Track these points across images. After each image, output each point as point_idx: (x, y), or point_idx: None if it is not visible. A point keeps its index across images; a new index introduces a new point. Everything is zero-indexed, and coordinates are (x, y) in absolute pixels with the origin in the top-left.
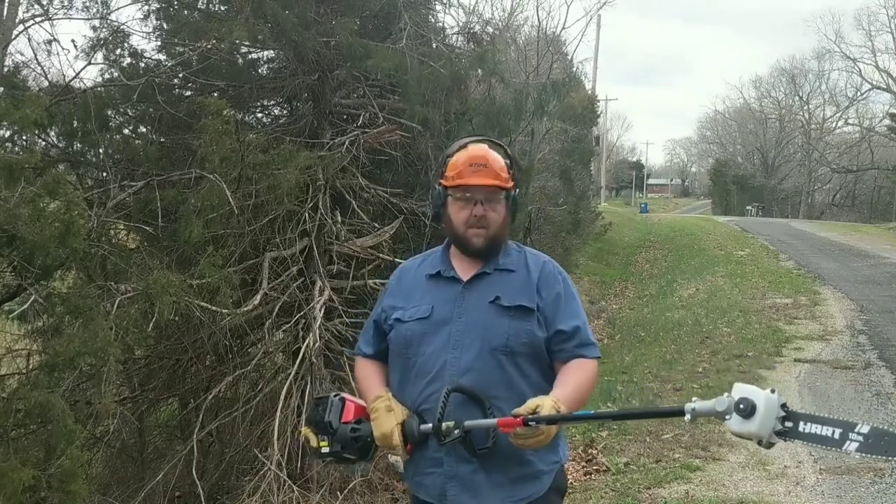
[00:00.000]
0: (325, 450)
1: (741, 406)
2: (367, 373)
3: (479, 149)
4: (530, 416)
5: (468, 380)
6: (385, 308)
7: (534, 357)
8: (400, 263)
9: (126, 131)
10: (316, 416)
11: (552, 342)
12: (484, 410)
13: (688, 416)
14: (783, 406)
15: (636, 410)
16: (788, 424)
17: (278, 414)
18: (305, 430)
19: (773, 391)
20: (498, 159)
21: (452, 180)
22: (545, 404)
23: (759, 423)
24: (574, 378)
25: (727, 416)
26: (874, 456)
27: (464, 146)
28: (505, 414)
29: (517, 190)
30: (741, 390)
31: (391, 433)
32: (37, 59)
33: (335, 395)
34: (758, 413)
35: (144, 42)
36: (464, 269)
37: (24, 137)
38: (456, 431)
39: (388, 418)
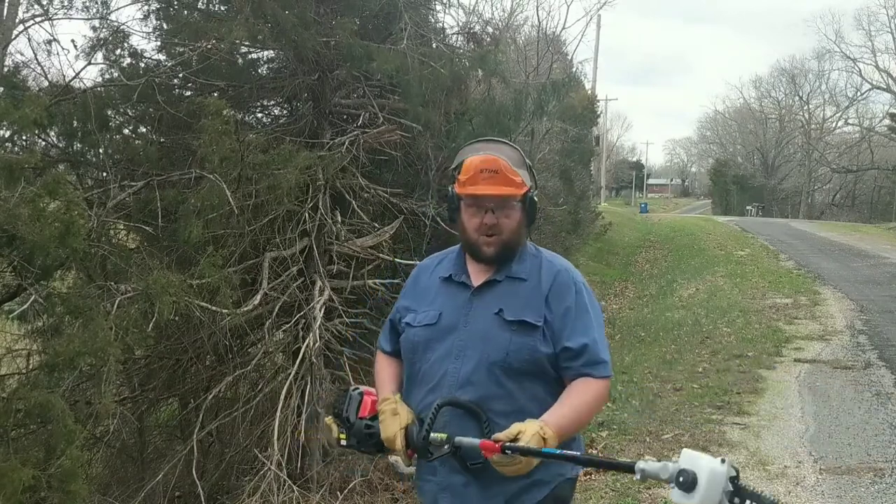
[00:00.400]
0: (344, 442)
1: (681, 479)
2: (382, 368)
3: (492, 153)
4: (507, 445)
5: (466, 392)
6: (399, 309)
7: (537, 373)
8: (399, 263)
9: (126, 131)
10: (337, 409)
11: (559, 359)
12: (481, 424)
13: (637, 476)
14: (732, 479)
15: (594, 458)
16: (736, 501)
17: (278, 414)
18: (328, 420)
19: (723, 461)
20: (511, 165)
21: (464, 187)
22: (528, 431)
23: (701, 499)
24: (572, 400)
25: (670, 485)
26: None
27: (476, 150)
28: (503, 428)
29: (534, 191)
30: (687, 458)
31: (394, 438)
32: (37, 59)
33: (354, 389)
34: (699, 487)
35: (144, 42)
36: (477, 274)
37: (24, 137)
38: (446, 447)
39: (392, 422)
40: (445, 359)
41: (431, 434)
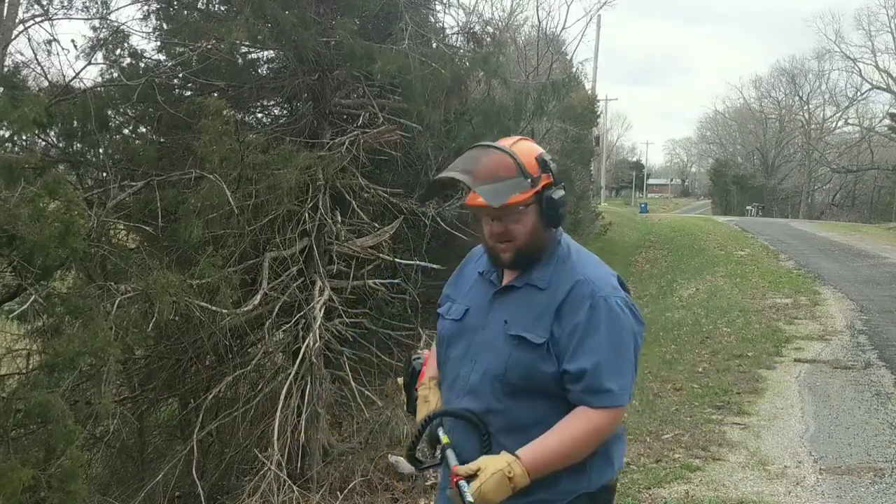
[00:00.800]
0: (405, 407)
1: None
2: (433, 349)
3: (460, 171)
4: (459, 482)
5: (471, 401)
6: (443, 296)
7: (540, 391)
8: (399, 263)
9: (126, 131)
10: (405, 374)
11: (563, 380)
12: (481, 437)
13: None
14: None
15: None
16: None
17: (278, 414)
18: (400, 382)
19: None
20: (489, 174)
21: (467, 197)
22: (489, 468)
23: None
24: (561, 433)
25: None
26: None
27: (465, 160)
28: (501, 445)
29: (552, 189)
30: None
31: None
32: (37, 59)
33: (416, 359)
34: None
35: (144, 42)
36: (508, 274)
37: (24, 137)
38: (438, 455)
39: (422, 409)
40: (461, 361)
41: (440, 433)
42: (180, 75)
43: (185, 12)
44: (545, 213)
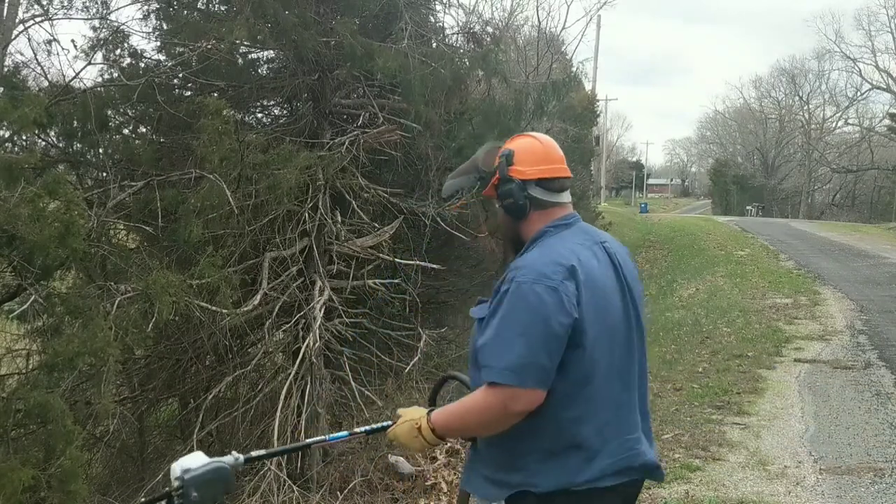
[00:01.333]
0: None
1: None
2: None
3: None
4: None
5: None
6: None
7: None
8: (399, 263)
9: (126, 131)
10: None
11: None
12: None
13: None
14: None
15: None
16: None
17: (278, 414)
18: None
19: None
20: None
21: None
22: (405, 416)
23: None
24: (462, 401)
25: None
26: None
27: None
28: None
29: (502, 184)
30: None
31: None
32: (37, 59)
33: None
34: None
35: (144, 42)
36: None
37: (24, 137)
38: None
39: None
40: None
41: None
42: (180, 75)
43: (185, 12)
44: (504, 206)
